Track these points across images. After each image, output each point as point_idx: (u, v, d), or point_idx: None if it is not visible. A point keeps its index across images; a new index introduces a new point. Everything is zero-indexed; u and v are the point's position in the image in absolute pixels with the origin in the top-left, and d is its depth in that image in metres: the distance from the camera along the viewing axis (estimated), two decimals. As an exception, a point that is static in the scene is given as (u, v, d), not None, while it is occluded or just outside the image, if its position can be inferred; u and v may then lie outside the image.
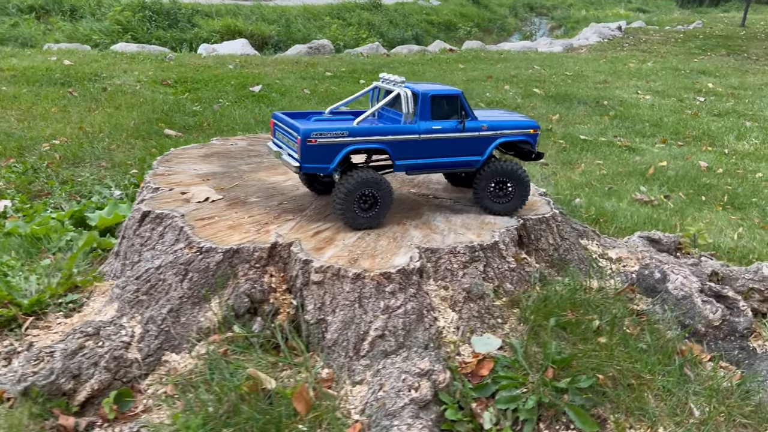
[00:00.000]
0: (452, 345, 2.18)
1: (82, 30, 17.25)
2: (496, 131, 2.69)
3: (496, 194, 2.73)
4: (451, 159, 2.64)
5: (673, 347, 2.31)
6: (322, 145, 2.42)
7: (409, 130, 2.53)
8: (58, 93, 7.83)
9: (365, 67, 11.68)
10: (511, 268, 2.47)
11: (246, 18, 21.11)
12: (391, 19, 25.54)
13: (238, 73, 10.22)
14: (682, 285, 2.53)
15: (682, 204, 5.09)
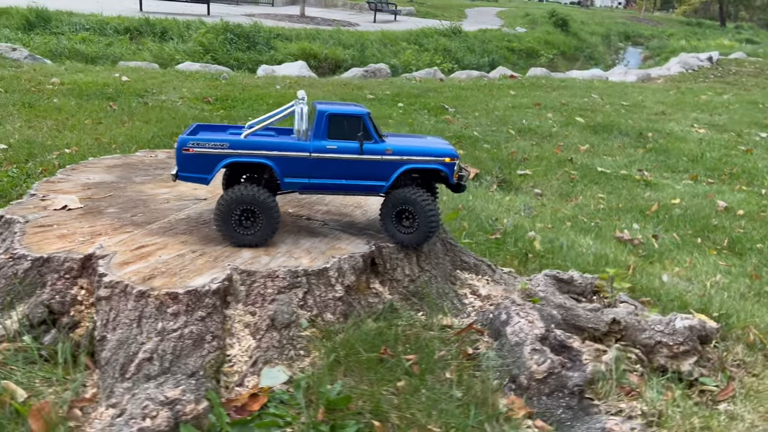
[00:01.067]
0: (237, 375, 2.08)
1: (167, 50, 18.44)
2: (403, 156, 2.50)
3: (401, 224, 2.55)
4: (348, 182, 2.50)
5: (486, 398, 2.08)
6: (199, 155, 2.38)
7: (299, 147, 2.42)
8: (101, 106, 8.36)
9: (411, 91, 11.67)
10: (337, 297, 2.33)
11: (323, 42, 21.78)
12: (469, 46, 25.51)
13: (280, 93, 10.51)
14: (521, 330, 2.28)
15: (669, 245, 4.65)
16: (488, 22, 34.20)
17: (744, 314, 3.36)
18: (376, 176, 2.50)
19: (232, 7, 29.86)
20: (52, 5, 20.23)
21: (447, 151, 2.58)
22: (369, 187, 2.52)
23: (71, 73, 10.63)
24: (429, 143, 2.67)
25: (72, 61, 12.63)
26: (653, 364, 2.77)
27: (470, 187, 5.67)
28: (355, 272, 2.43)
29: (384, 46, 23.33)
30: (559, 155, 7.33)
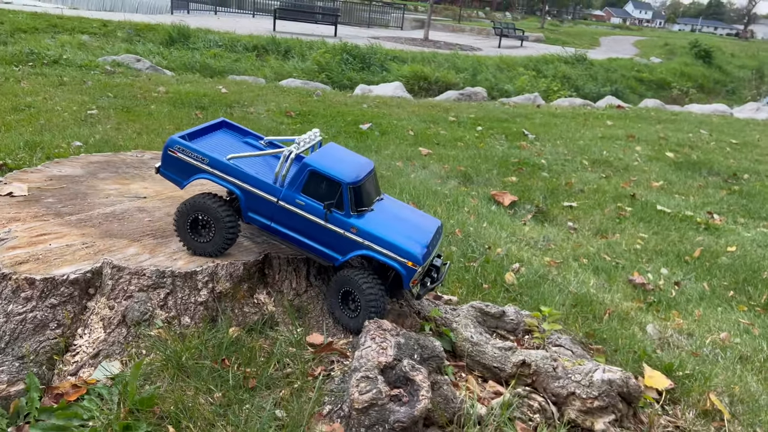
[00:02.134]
0: (75, 365, 2.16)
1: (286, 68, 19.55)
2: (365, 240, 2.37)
3: (345, 305, 2.49)
4: (306, 240, 2.42)
5: (300, 422, 1.99)
6: (180, 159, 2.44)
7: (269, 190, 2.40)
8: (189, 114, 9.04)
9: (499, 116, 11.43)
10: (199, 302, 2.35)
11: (438, 65, 21.97)
12: (592, 74, 24.52)
13: (364, 111, 10.75)
14: (365, 355, 2.14)
15: (690, 295, 4.15)
16: (621, 51, 32.68)
17: (717, 379, 2.92)
18: (333, 247, 2.41)
19: (362, 29, 30.99)
20: (194, 23, 22.24)
21: (412, 254, 2.35)
22: (324, 254, 2.43)
23: (180, 84, 11.60)
24: (404, 236, 2.42)
25: (188, 73, 13.77)
26: (564, 417, 2.49)
27: (488, 212, 5.44)
28: (232, 279, 2.44)
29: (500, 71, 23.06)
30: (623, 190, 6.81)
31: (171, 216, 2.86)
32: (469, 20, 42.85)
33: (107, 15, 22.12)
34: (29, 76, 10.20)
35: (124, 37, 18.94)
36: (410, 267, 2.35)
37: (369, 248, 2.36)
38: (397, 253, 2.35)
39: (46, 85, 9.72)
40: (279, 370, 2.24)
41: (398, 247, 2.35)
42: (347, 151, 2.63)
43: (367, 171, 2.49)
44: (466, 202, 5.72)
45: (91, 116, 8.17)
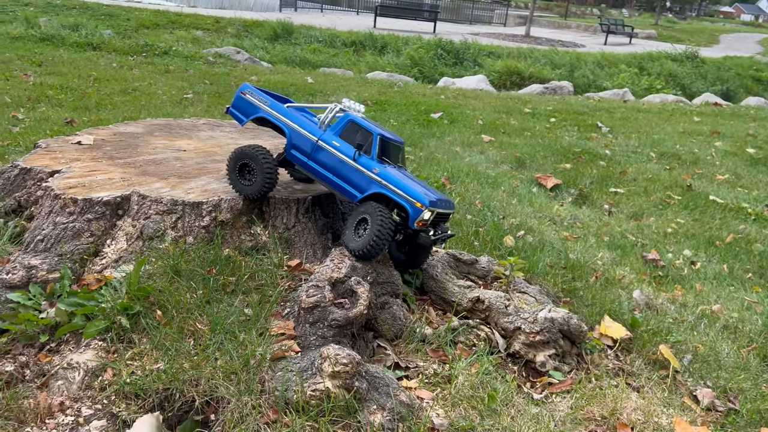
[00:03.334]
0: (100, 266, 2.76)
1: (380, 62, 20.20)
2: (383, 181, 2.71)
3: (356, 231, 2.75)
4: (334, 178, 2.80)
5: (259, 316, 2.45)
6: (247, 100, 2.97)
7: (312, 131, 2.85)
8: (273, 100, 9.80)
9: (579, 109, 11.35)
10: (202, 226, 2.88)
11: (534, 61, 21.77)
12: (702, 72, 23.26)
13: (439, 101, 11.09)
14: (322, 271, 2.56)
15: (704, 274, 4.20)
16: (742, 49, 30.56)
17: (681, 337, 3.08)
18: (356, 185, 2.77)
19: (463, 26, 31.11)
20: (299, 20, 23.44)
21: (423, 198, 2.66)
22: (347, 192, 2.80)
23: (272, 74, 12.50)
24: (417, 186, 2.73)
25: (285, 66, 14.71)
26: (510, 348, 2.80)
27: (526, 193, 5.65)
28: (233, 211, 2.94)
29: (600, 67, 22.42)
30: (682, 181, 6.73)
31: (199, 164, 3.43)
32: (576, 17, 41.63)
33: (221, 12, 23.82)
34: (141, 64, 11.45)
35: (233, 33, 20.40)
36: (417, 207, 2.66)
37: (385, 187, 2.71)
38: (407, 194, 2.68)
39: (154, 72, 10.89)
40: (256, 281, 2.72)
41: (409, 189, 2.69)
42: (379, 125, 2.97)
43: (396, 139, 2.89)
44: (506, 183, 5.96)
45: (186, 99, 9.12)
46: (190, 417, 2.17)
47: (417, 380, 2.49)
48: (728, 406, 2.71)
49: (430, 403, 2.36)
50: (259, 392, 2.16)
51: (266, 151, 2.91)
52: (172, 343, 2.31)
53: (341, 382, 2.13)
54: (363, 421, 2.13)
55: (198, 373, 2.20)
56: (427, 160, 6.71)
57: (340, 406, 2.12)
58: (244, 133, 4.19)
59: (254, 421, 2.06)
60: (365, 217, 2.70)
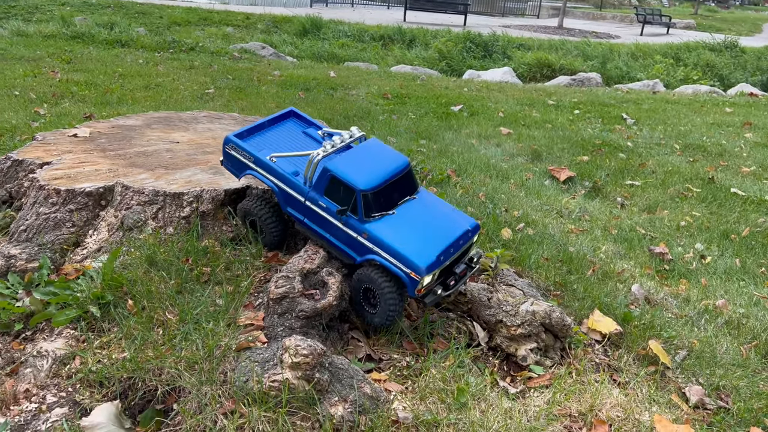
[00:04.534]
0: (81, 255, 2.79)
1: (408, 56, 20.11)
2: (374, 246, 2.46)
3: (366, 300, 2.56)
4: (331, 239, 2.59)
5: (228, 308, 2.44)
6: (233, 156, 2.75)
7: (299, 190, 2.61)
8: (293, 94, 9.86)
9: (605, 101, 11.09)
10: (182, 217, 2.88)
11: (566, 53, 21.38)
12: (741, 62, 22.50)
13: (461, 94, 10.97)
14: (293, 263, 2.53)
15: (714, 268, 4.04)
16: (787, 38, 29.44)
17: (675, 332, 2.96)
18: (351, 246, 2.55)
19: (495, 18, 30.73)
20: (329, 15, 23.50)
21: (417, 265, 2.38)
22: (345, 253, 2.58)
23: (295, 69, 12.55)
24: (414, 248, 2.43)
25: (309, 61, 14.76)
26: (491, 343, 2.74)
27: (537, 185, 5.53)
28: (214, 202, 2.94)
29: (634, 59, 21.88)
30: (704, 173, 6.50)
31: (190, 155, 3.45)
32: (612, 8, 40.70)
33: (252, 8, 24.04)
34: (166, 60, 11.63)
35: (263, 29, 20.56)
36: (413, 277, 2.39)
37: (378, 254, 2.45)
38: (401, 262, 2.39)
39: (178, 68, 11.04)
40: (232, 272, 2.71)
41: (403, 256, 2.39)
42: (383, 149, 2.65)
43: (391, 172, 2.53)
44: (516, 175, 5.84)
45: (207, 94, 9.22)
46: (152, 406, 2.17)
47: (388, 372, 2.44)
48: (718, 404, 2.59)
49: (398, 396, 2.31)
50: (221, 383, 2.15)
51: (265, 202, 2.77)
52: (140, 333, 2.32)
53: (302, 373, 2.11)
54: (323, 412, 2.09)
55: (161, 362, 2.20)
56: (440, 153, 6.64)
57: (300, 397, 2.09)
58: (242, 125, 4.19)
59: (212, 411, 2.05)
60: (369, 287, 2.50)
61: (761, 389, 2.72)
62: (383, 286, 2.46)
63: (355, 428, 2.10)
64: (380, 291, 2.47)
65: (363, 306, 2.58)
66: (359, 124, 7.93)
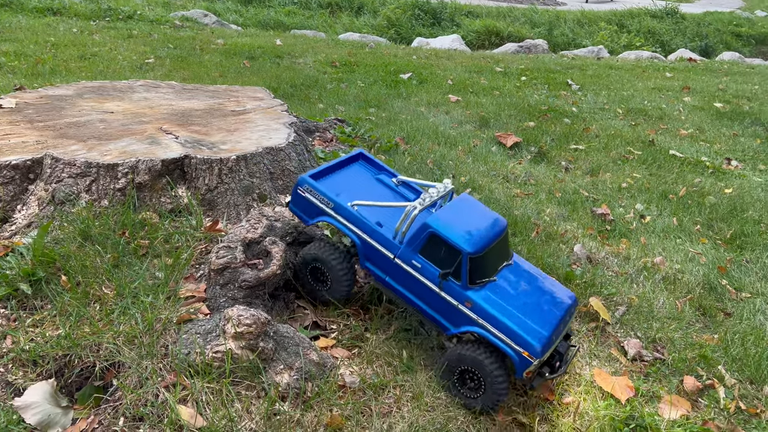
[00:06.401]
0: (9, 232, 2.66)
1: (357, 24, 19.80)
2: (479, 318, 2.19)
3: (462, 383, 2.29)
4: (419, 303, 2.31)
5: (168, 280, 2.38)
6: (307, 199, 2.46)
7: (388, 245, 2.32)
8: (237, 63, 9.58)
9: (551, 67, 11.21)
10: (117, 189, 2.78)
11: (514, 20, 21.43)
12: (681, 29, 23.05)
13: (410, 62, 10.89)
14: (235, 232, 2.49)
15: (653, 227, 4.16)
16: (725, 4, 30.29)
17: (614, 290, 3.05)
18: (446, 316, 2.27)
19: (443, -14, 30.42)
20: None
21: (532, 344, 2.12)
22: (436, 320, 2.31)
23: (240, 37, 12.19)
24: (528, 324, 2.18)
25: (254, 29, 14.37)
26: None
27: (485, 152, 5.57)
28: (151, 173, 2.84)
29: (580, 26, 22.13)
30: (645, 136, 6.67)
31: (125, 125, 3.31)
32: (558, -25, 40.92)
33: (193, -24, 23.11)
34: (102, 29, 11.11)
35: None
36: (525, 357, 2.14)
37: (482, 327, 2.18)
38: (512, 339, 2.14)
39: (116, 37, 10.57)
40: (172, 244, 2.64)
41: (515, 332, 2.14)
42: (479, 206, 2.45)
43: (495, 235, 2.31)
44: (465, 142, 5.87)
45: (147, 64, 8.88)
46: (90, 383, 2.11)
47: (334, 339, 2.44)
48: (655, 356, 2.69)
49: (345, 362, 2.31)
50: (162, 356, 2.11)
51: (336, 250, 2.49)
52: (75, 309, 2.23)
53: (245, 343, 2.08)
54: (268, 381, 2.08)
55: (99, 338, 2.13)
56: (389, 121, 6.59)
57: (244, 367, 2.07)
58: (181, 94, 4.06)
59: (153, 384, 2.01)
60: (470, 369, 2.24)
61: (694, 340, 2.84)
62: (491, 369, 2.17)
63: (301, 395, 2.09)
64: (486, 374, 2.19)
65: (459, 389, 2.29)
66: (307, 92, 7.80)
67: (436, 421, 2.15)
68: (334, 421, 2.04)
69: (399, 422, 2.10)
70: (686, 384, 2.55)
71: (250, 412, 1.99)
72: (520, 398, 2.41)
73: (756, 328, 3.09)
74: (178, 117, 3.54)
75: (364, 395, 2.18)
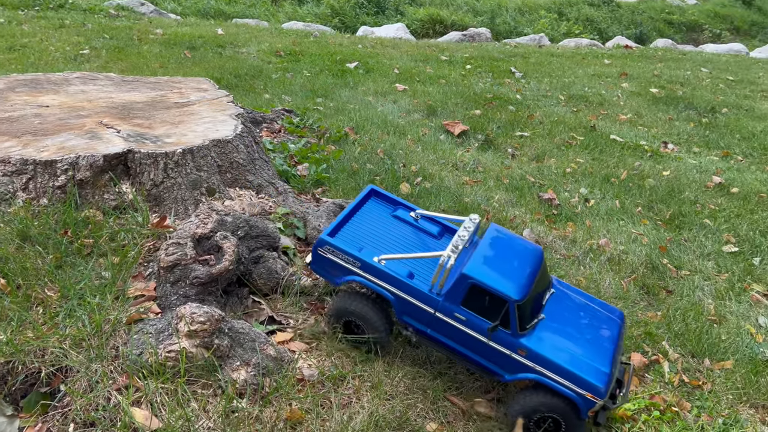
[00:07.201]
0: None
1: (300, 12, 19.54)
2: (537, 365, 2.10)
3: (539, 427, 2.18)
4: (465, 351, 2.22)
5: (115, 279, 2.30)
6: (330, 261, 2.33)
7: (426, 299, 2.21)
8: (178, 54, 9.31)
9: (494, 56, 11.35)
10: (57, 186, 2.66)
11: (457, 9, 21.58)
12: (617, 16, 23.75)
13: (356, 51, 10.84)
14: (186, 227, 2.43)
15: (597, 210, 4.29)
16: (657, -8, 31.32)
17: (565, 272, 3.12)
18: (499, 363, 2.18)
19: (385, -26, 30.33)
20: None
21: (594, 385, 2.05)
22: (488, 369, 2.22)
23: (179, 27, 11.84)
24: (586, 353, 2.14)
25: (194, 18, 13.99)
26: (393, 297, 2.74)
27: (433, 140, 5.61)
28: (92, 169, 2.73)
29: (521, 14, 22.51)
30: (587, 122, 6.85)
31: (62, 120, 3.17)
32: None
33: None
34: (32, 19, 10.60)
35: (141, -16, 19.14)
36: (589, 399, 2.06)
37: (540, 374, 2.10)
38: (574, 383, 2.06)
39: (46, 27, 10.10)
40: (117, 242, 2.55)
41: (576, 376, 2.06)
42: (513, 239, 2.36)
43: (535, 270, 2.22)
44: (414, 131, 5.89)
45: (82, 55, 8.53)
46: (35, 389, 2.02)
47: (291, 333, 2.42)
48: (603, 336, 2.78)
49: (303, 355, 2.30)
50: (112, 358, 2.04)
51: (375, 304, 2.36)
52: (16, 313, 2.14)
53: (199, 341, 2.03)
54: (225, 378, 2.04)
55: (43, 342, 2.04)
56: (337, 111, 6.55)
57: (199, 365, 2.02)
58: (121, 87, 3.91)
59: (104, 388, 1.94)
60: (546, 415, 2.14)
61: (639, 318, 2.95)
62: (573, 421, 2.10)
63: (259, 390, 2.07)
64: (569, 420, 2.11)
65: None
66: (251, 83, 7.66)
67: (396, 409, 2.16)
68: (293, 415, 2.02)
69: (359, 412, 2.11)
70: (633, 360, 2.65)
71: (207, 411, 1.95)
72: (477, 383, 2.45)
73: (695, 304, 3.23)
74: (119, 110, 3.42)
75: (323, 388, 2.18)
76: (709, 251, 3.85)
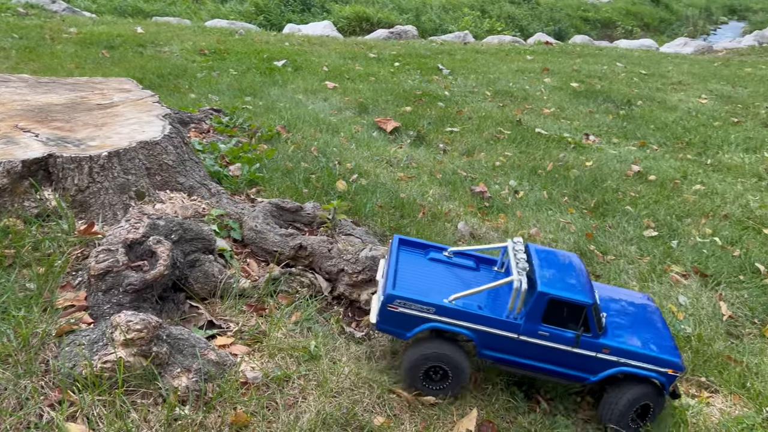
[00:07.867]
0: None
1: (223, 10, 19.12)
2: (620, 358, 2.28)
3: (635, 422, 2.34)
4: (552, 367, 2.33)
5: (42, 291, 2.19)
6: (402, 314, 2.28)
7: (508, 326, 2.27)
8: (95, 54, 8.92)
9: (421, 53, 11.49)
10: (-29, 194, 2.50)
11: (383, 6, 21.68)
12: (537, 14, 24.56)
13: (283, 49, 10.71)
14: (114, 234, 2.35)
15: (527, 202, 4.43)
16: (573, -9, 32.58)
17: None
18: (584, 368, 2.32)
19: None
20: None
21: (671, 360, 2.28)
22: (573, 376, 2.35)
23: (95, 25, 11.34)
24: (649, 342, 2.34)
25: (110, 16, 13.44)
26: (334, 292, 2.75)
27: (366, 138, 5.62)
28: (10, 175, 2.58)
29: (445, 12, 22.88)
30: (513, 117, 7.05)
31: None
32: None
33: (35, -42, 21.14)
34: (-70, 18, 9.88)
35: (51, -19, 18.21)
36: (671, 374, 2.27)
37: (625, 365, 2.28)
38: (656, 364, 2.27)
39: (-53, 27, 9.45)
40: (42, 252, 2.42)
41: (656, 357, 2.27)
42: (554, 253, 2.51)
43: (587, 273, 2.42)
44: (346, 129, 5.88)
45: (-11, 56, 8.03)
46: (-42, 412, 1.89)
47: (232, 336, 2.37)
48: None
49: (246, 358, 2.26)
50: (43, 373, 1.94)
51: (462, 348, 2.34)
52: (-68, 332, 2.00)
53: (137, 349, 1.96)
54: (165, 386, 1.98)
55: (-35, 361, 1.92)
56: (267, 109, 6.46)
57: (138, 374, 1.95)
58: (36, 88, 3.71)
59: (35, 405, 1.84)
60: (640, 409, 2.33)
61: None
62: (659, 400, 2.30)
63: (202, 396, 2.02)
64: (658, 404, 2.31)
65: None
66: (176, 82, 7.44)
67: (343, 406, 2.16)
68: (239, 419, 1.99)
69: (306, 411, 2.09)
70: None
71: (149, 421, 1.89)
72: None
73: (621, 286, 3.40)
74: (36, 113, 3.24)
75: (268, 389, 2.15)
76: (632, 236, 4.06)
